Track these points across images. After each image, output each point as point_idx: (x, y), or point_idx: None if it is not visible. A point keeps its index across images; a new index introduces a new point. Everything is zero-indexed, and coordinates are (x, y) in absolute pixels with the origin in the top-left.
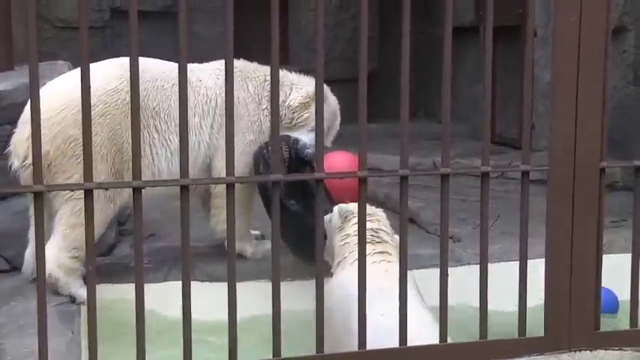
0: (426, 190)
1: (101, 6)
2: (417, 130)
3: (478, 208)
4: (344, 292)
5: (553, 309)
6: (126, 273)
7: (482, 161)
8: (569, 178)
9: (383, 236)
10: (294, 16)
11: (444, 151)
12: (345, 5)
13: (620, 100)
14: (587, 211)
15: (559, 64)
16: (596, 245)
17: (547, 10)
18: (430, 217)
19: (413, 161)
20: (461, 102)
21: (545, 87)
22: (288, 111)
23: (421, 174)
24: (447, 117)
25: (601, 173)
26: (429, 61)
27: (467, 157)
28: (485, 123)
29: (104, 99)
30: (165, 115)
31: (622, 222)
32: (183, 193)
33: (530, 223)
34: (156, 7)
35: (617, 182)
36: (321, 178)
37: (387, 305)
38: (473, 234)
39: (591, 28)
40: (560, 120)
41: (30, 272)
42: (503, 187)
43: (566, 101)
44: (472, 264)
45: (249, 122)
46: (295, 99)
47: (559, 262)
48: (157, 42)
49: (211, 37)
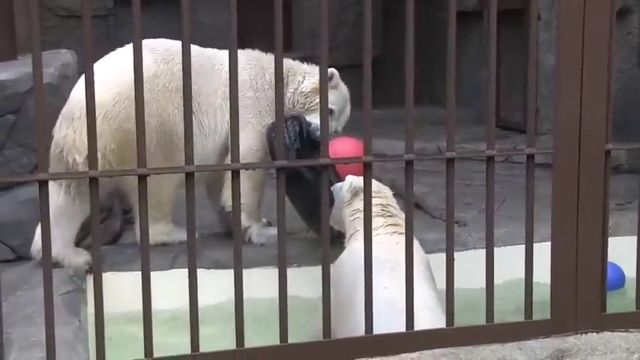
0: (431, 176)
1: None
2: (422, 116)
3: (483, 192)
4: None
5: (559, 292)
6: (132, 261)
7: (487, 145)
8: (574, 161)
9: (392, 210)
10: (297, 3)
11: (448, 135)
12: None
13: (625, 82)
14: (592, 194)
15: (563, 47)
16: (601, 228)
17: None
18: (435, 202)
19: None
20: (465, 87)
21: (549, 71)
22: (301, 97)
23: (426, 158)
24: (451, 101)
25: (606, 156)
26: (433, 46)
27: (472, 142)
28: (489, 107)
29: (147, 87)
30: (197, 96)
31: (627, 204)
32: (188, 181)
33: (536, 206)
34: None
35: (622, 165)
36: (325, 163)
37: (392, 278)
38: (478, 218)
39: (595, 10)
40: (564, 103)
41: None
42: (509, 171)
43: (571, 84)
44: (478, 248)
45: (267, 106)
46: (307, 85)
47: (565, 245)
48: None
49: (215, 24)
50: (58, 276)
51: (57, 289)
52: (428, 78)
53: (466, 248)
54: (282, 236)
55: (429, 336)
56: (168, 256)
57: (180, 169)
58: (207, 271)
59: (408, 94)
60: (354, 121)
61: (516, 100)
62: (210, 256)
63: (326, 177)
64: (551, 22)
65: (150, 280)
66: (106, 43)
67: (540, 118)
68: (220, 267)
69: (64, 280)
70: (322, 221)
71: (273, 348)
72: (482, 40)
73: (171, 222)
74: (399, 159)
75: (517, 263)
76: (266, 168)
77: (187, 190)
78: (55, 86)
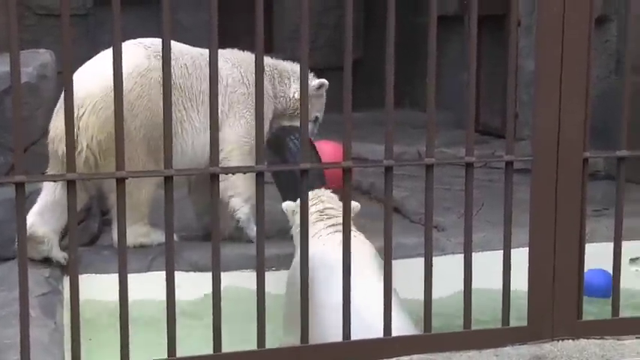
0: (411, 180)
1: None
2: (402, 119)
3: (462, 197)
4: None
5: (536, 298)
6: (109, 263)
7: (466, 152)
8: (552, 168)
9: (330, 212)
10: (278, 3)
11: (428, 141)
12: None
13: (603, 90)
14: (570, 201)
15: (543, 53)
16: (578, 234)
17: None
18: (414, 206)
19: (398, 150)
20: (445, 90)
21: (529, 76)
22: (291, 102)
23: (406, 164)
24: (431, 107)
25: (584, 163)
26: (414, 50)
27: (451, 146)
28: (469, 114)
29: (140, 81)
30: (189, 93)
31: (604, 211)
32: (167, 184)
33: (514, 211)
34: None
35: (599, 171)
36: (305, 168)
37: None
38: (457, 223)
39: (575, 17)
40: (543, 111)
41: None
42: (487, 176)
43: (550, 92)
44: (456, 253)
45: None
46: (297, 90)
47: (542, 252)
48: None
49: (195, 25)
50: (34, 277)
51: (33, 291)
52: (408, 81)
53: (444, 253)
54: (260, 239)
55: (405, 342)
56: (146, 258)
57: (158, 172)
58: (186, 273)
59: (388, 100)
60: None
61: (496, 105)
62: (189, 258)
63: (305, 182)
64: (532, 27)
65: (127, 283)
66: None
67: (520, 123)
68: (199, 269)
69: (40, 282)
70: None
71: (251, 353)
72: (462, 45)
73: (149, 223)
74: (378, 165)
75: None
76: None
77: (166, 193)
78: (34, 86)
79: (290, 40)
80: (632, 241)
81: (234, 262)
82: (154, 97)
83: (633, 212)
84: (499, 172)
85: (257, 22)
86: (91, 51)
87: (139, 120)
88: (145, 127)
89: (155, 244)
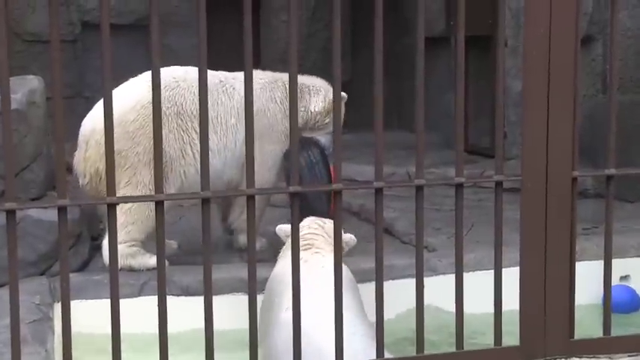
0: (401, 200)
1: (71, 19)
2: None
3: (452, 217)
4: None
5: (528, 318)
6: (100, 289)
7: (456, 172)
8: (541, 188)
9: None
10: (265, 27)
11: (418, 162)
12: (317, 16)
13: (590, 109)
14: (559, 220)
15: (530, 74)
16: (569, 253)
17: (517, 19)
18: (405, 226)
19: (387, 171)
20: (433, 111)
21: (516, 96)
22: (312, 115)
23: (396, 186)
24: (420, 129)
25: (573, 182)
26: (402, 71)
27: (441, 167)
28: (458, 134)
29: (142, 112)
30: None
31: (594, 229)
32: (158, 208)
33: (504, 230)
34: (128, 21)
35: (588, 190)
36: (295, 191)
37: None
38: (447, 243)
39: (561, 38)
40: (531, 131)
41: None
42: (477, 195)
43: (538, 112)
44: (447, 274)
45: (278, 133)
46: (317, 104)
47: (533, 271)
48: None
49: (183, 49)
50: (24, 304)
51: (24, 318)
52: (397, 102)
53: (436, 274)
54: (252, 262)
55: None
56: (137, 282)
57: (149, 197)
58: (177, 298)
59: (377, 122)
60: None
61: (484, 125)
62: (180, 282)
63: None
64: (518, 48)
65: (119, 307)
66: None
67: (508, 142)
68: (190, 294)
69: (31, 309)
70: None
71: None
72: (450, 65)
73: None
74: (368, 187)
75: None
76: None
77: (157, 218)
78: (23, 112)
79: (278, 63)
80: (622, 258)
81: (227, 285)
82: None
83: (623, 230)
84: (488, 192)
85: (246, 43)
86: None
87: (142, 147)
88: (147, 154)
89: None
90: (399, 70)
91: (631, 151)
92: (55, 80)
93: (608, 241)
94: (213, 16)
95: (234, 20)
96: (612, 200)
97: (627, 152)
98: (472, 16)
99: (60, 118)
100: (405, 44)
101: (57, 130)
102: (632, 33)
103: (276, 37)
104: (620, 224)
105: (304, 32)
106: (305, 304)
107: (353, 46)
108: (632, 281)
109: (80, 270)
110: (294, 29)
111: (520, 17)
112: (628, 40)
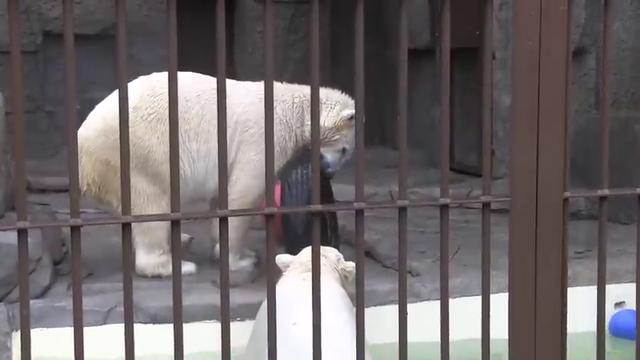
0: (383, 222)
1: (32, 29)
2: (373, 157)
3: (437, 239)
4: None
5: (518, 346)
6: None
7: (441, 192)
8: (531, 210)
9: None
10: (239, 35)
11: (401, 181)
12: (294, 27)
13: (582, 125)
14: (551, 243)
15: (519, 89)
16: (560, 278)
17: (505, 31)
18: (387, 249)
19: (369, 191)
20: (417, 126)
21: (505, 111)
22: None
23: (377, 207)
24: (403, 145)
25: (564, 204)
26: (383, 85)
27: (425, 186)
28: (443, 152)
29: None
30: (186, 123)
31: (587, 252)
32: (125, 230)
33: (493, 253)
34: (93, 30)
35: (581, 211)
36: (270, 213)
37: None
38: (432, 268)
39: (551, 50)
40: (521, 149)
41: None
42: (463, 216)
43: (527, 128)
44: (432, 299)
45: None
46: (329, 119)
47: (523, 297)
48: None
49: (152, 59)
50: None
51: None
52: (378, 117)
53: (420, 299)
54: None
55: None
56: (103, 309)
57: (115, 219)
58: (144, 326)
59: (359, 138)
60: None
61: (471, 141)
62: (148, 309)
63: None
64: (507, 61)
65: (83, 336)
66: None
67: (497, 160)
68: (158, 322)
69: None
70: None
71: None
72: (434, 79)
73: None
74: (348, 208)
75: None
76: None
77: (123, 240)
78: None
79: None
80: (617, 284)
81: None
82: (138, 132)
83: (617, 253)
84: (476, 213)
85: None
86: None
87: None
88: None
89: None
90: (381, 84)
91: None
92: (15, 94)
93: (602, 266)
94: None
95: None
96: (605, 222)
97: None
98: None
99: (20, 134)
100: (387, 56)
101: (17, 147)
102: (626, 45)
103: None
104: (614, 247)
105: (282, 44)
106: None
107: (332, 57)
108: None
109: (41, 296)
110: (270, 40)
111: (509, 28)
112: (622, 53)
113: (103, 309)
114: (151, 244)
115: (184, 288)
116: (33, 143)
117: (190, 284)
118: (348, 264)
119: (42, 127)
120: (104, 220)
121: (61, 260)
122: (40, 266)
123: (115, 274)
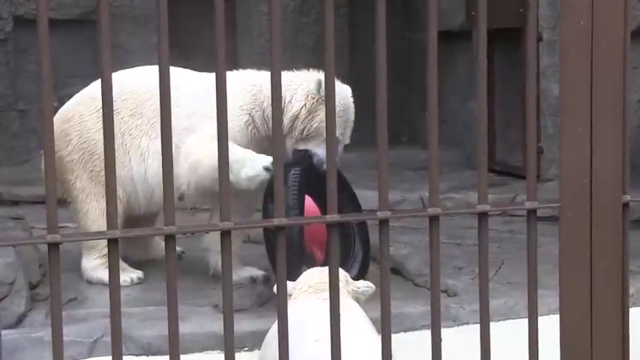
0: (413, 233)
1: (1, 14)
2: (400, 159)
3: (476, 253)
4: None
5: None
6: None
7: (479, 198)
8: (585, 217)
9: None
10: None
11: (432, 186)
12: (305, 8)
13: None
14: (608, 255)
15: (568, 76)
16: (621, 296)
17: (554, 8)
18: (418, 265)
19: (395, 198)
20: (451, 122)
21: (554, 102)
22: (297, 122)
23: (405, 216)
24: (434, 144)
25: (624, 209)
26: (411, 74)
27: (461, 191)
28: (481, 151)
29: (78, 109)
30: (138, 119)
31: None
32: (111, 247)
33: (541, 269)
34: (71, 15)
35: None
36: (281, 225)
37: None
38: (471, 286)
39: (605, 31)
40: (571, 145)
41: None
42: (507, 226)
43: (579, 122)
44: (471, 323)
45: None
46: (295, 106)
47: (576, 319)
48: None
49: (140, 48)
50: None
51: None
52: (406, 112)
53: (457, 323)
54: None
55: None
56: (87, 340)
57: (101, 234)
58: (137, 358)
59: (381, 136)
60: None
61: (515, 138)
62: (140, 338)
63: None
64: (555, 43)
65: None
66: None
67: (545, 160)
68: (152, 353)
69: None
70: None
71: None
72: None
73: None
74: (371, 217)
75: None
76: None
77: (109, 259)
78: None
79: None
80: None
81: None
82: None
83: None
84: (521, 221)
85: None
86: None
87: (71, 145)
88: (77, 151)
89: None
90: (409, 73)
91: None
92: None
93: None
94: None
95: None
96: None
97: None
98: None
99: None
100: (415, 40)
101: None
102: None
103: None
104: None
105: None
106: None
107: (350, 42)
108: None
109: (15, 326)
110: (278, 23)
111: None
112: None
113: (87, 339)
114: (88, 247)
115: (182, 314)
116: (3, 147)
117: (189, 308)
118: (359, 284)
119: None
120: (86, 236)
121: (38, 283)
122: (14, 290)
123: (102, 298)
